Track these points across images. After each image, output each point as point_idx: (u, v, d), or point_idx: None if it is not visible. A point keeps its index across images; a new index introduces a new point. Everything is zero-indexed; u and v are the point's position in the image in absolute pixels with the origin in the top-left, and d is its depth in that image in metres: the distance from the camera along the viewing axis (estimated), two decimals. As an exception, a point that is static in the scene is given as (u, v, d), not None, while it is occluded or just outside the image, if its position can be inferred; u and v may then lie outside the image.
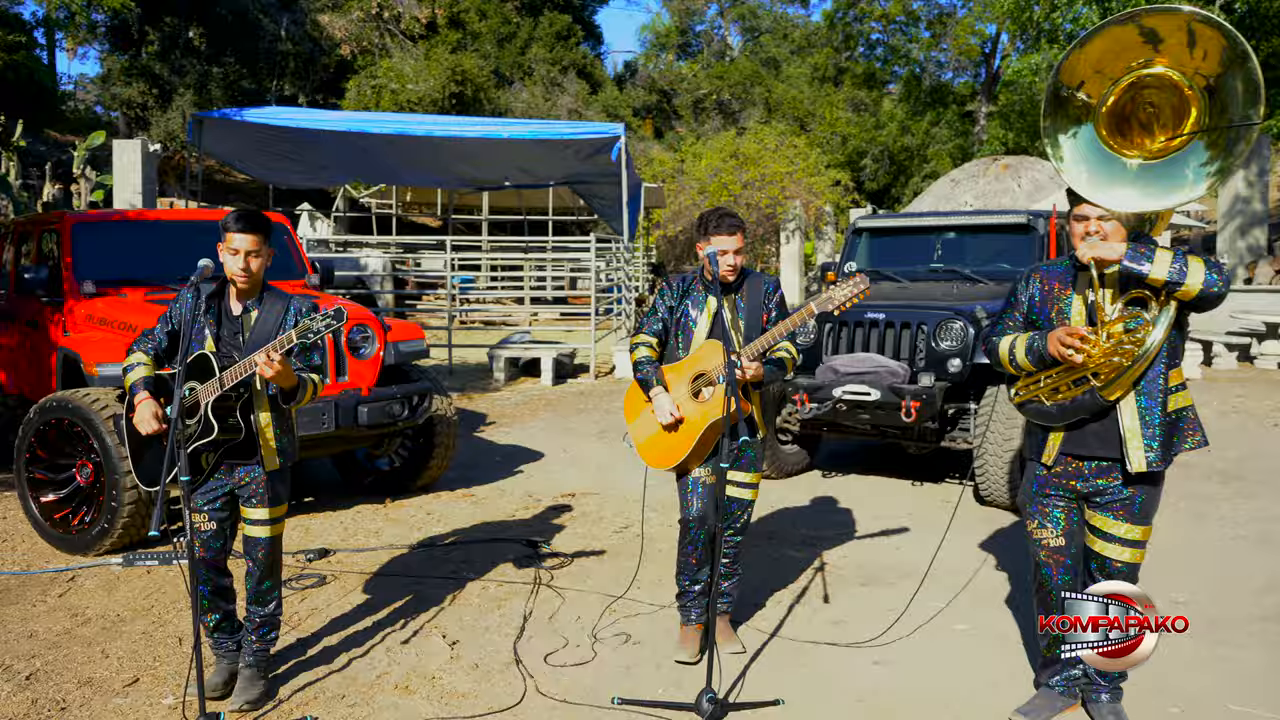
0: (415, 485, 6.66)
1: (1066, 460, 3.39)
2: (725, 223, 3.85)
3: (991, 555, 5.38)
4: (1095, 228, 3.22)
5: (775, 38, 42.23)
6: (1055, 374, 3.32)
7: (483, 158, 15.98)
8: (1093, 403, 3.26)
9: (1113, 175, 3.24)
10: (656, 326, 4.02)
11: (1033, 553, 3.53)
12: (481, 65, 26.83)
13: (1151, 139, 3.22)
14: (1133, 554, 3.36)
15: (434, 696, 3.68)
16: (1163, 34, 3.10)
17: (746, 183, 26.86)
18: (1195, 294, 3.09)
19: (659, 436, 3.91)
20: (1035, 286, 3.49)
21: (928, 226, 7.81)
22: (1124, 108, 3.25)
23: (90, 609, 4.62)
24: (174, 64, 24.34)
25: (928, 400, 6.14)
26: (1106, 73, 3.21)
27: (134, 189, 16.18)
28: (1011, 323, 3.54)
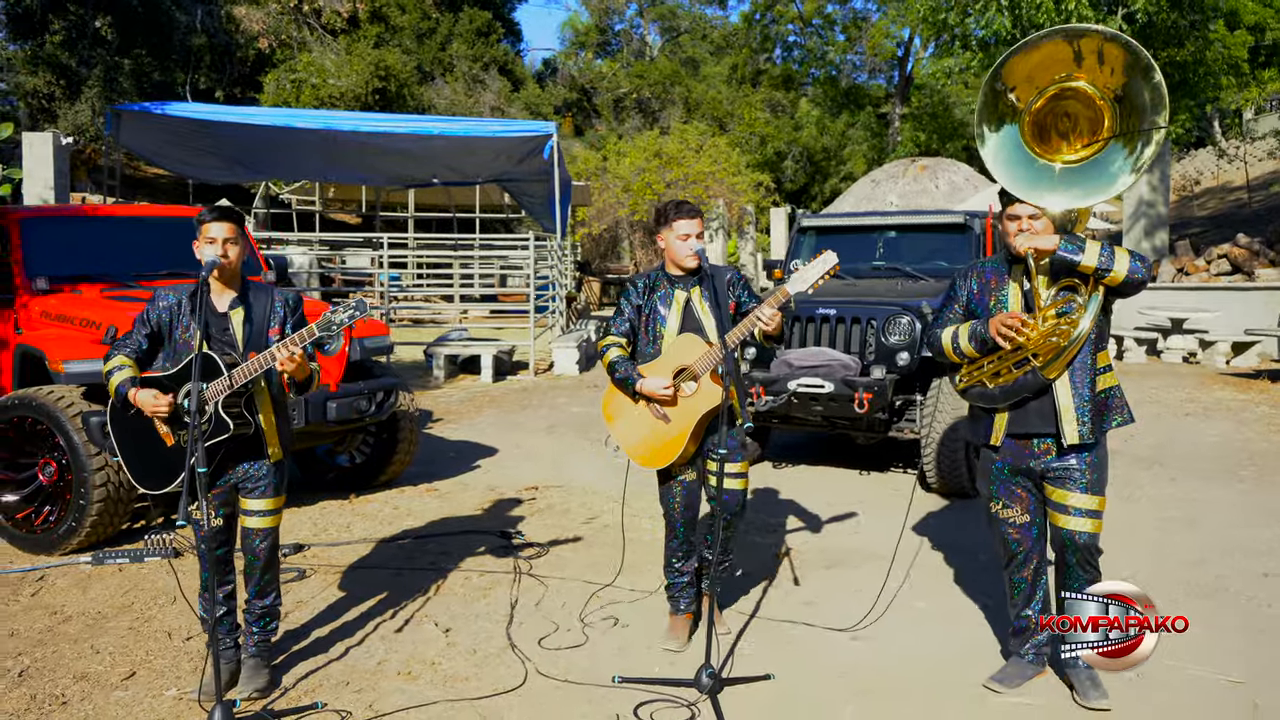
0: (379, 480, 6.70)
1: (1014, 441, 3.66)
2: (684, 209, 3.97)
3: (939, 538, 5.67)
4: (1027, 225, 3.53)
5: (694, 38, 42.66)
6: (997, 358, 3.60)
7: (411, 155, 15.86)
8: (1034, 381, 3.55)
9: (1039, 178, 3.60)
10: (624, 327, 4.09)
11: (1000, 533, 3.78)
12: (405, 61, 26.56)
13: (1069, 147, 3.59)
14: (1093, 524, 3.62)
15: (437, 681, 3.78)
16: (1084, 52, 3.48)
17: (670, 182, 27.17)
18: (1121, 279, 3.42)
19: (649, 436, 3.97)
20: (973, 281, 3.78)
21: (869, 225, 8.13)
22: (1045, 117, 3.62)
23: (69, 607, 4.59)
24: (81, 54, 23.52)
25: (879, 392, 6.43)
26: (1035, 81, 3.57)
27: (45, 183, 15.63)
28: (952, 316, 3.81)
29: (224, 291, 3.66)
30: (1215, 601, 4.66)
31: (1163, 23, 20.94)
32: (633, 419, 4.01)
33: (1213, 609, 4.55)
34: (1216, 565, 5.17)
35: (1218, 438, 8.59)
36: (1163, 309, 14.76)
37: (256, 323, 3.63)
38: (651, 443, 3.98)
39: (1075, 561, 3.61)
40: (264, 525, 3.67)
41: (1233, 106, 27.97)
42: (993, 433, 3.69)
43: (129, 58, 24.49)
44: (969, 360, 3.68)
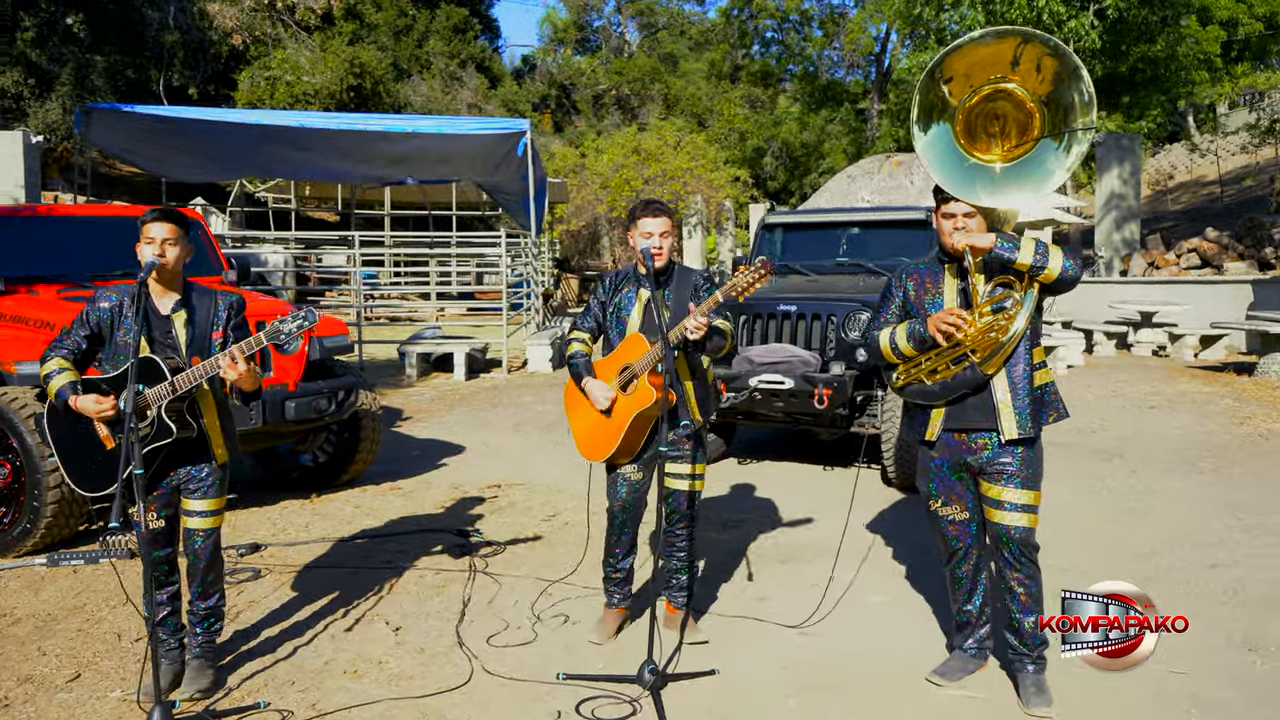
0: (342, 479, 6.70)
1: (951, 436, 3.68)
2: (651, 207, 4.00)
3: (899, 532, 5.72)
4: (962, 223, 3.57)
5: (673, 34, 42.71)
6: (934, 355, 3.63)
7: (385, 154, 15.82)
8: (973, 377, 3.59)
9: (973, 177, 3.66)
10: (590, 323, 4.17)
11: (940, 530, 3.81)
12: (380, 58, 26.47)
13: (999, 147, 3.66)
14: (1028, 519, 3.64)
15: (382, 679, 3.79)
16: (1023, 58, 3.55)
17: (648, 178, 27.19)
18: (1055, 277, 3.48)
19: (592, 428, 4.05)
20: (908, 282, 3.79)
21: (833, 222, 8.18)
22: (976, 116, 3.70)
23: (19, 609, 4.58)
24: (52, 52, 23.33)
25: (839, 388, 6.46)
26: (972, 79, 3.63)
27: (15, 182, 15.53)
28: (888, 316, 3.83)
29: (166, 294, 3.64)
30: (1160, 591, 4.71)
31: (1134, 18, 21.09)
32: (584, 411, 4.10)
33: (1157, 600, 4.59)
34: (1166, 556, 5.23)
35: (1180, 430, 8.67)
36: (1133, 302, 14.88)
37: (199, 326, 3.62)
38: (593, 436, 4.07)
39: (1012, 556, 3.63)
40: (205, 526, 3.67)
41: (1206, 101, 28.24)
42: (928, 428, 3.72)
43: (101, 55, 24.30)
44: (907, 359, 3.70)
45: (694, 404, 4.05)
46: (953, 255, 3.63)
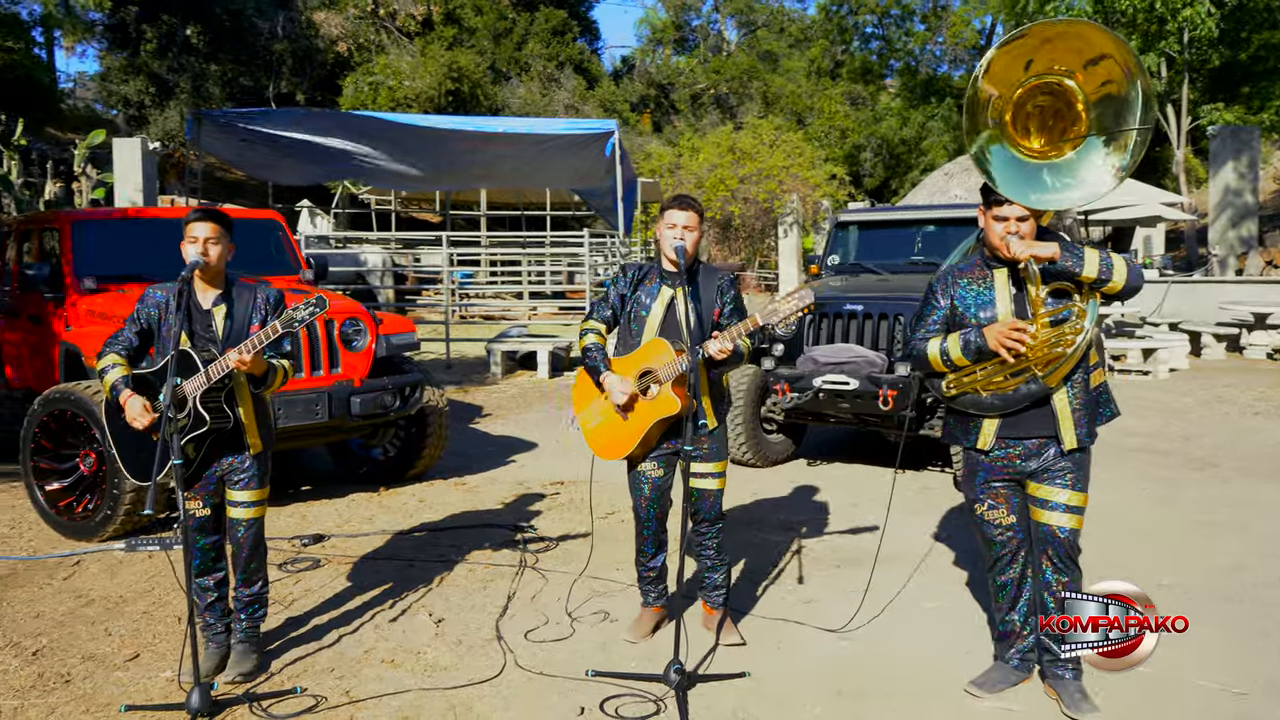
0: (409, 474, 6.86)
1: (1003, 444, 3.56)
2: (681, 200, 3.91)
3: (963, 538, 5.56)
4: (1015, 227, 3.42)
5: (772, 31, 42.38)
6: (991, 367, 3.48)
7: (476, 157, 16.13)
8: (1037, 391, 3.46)
9: (1027, 178, 3.50)
10: (606, 313, 4.05)
11: (985, 535, 3.69)
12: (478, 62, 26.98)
13: (1041, 139, 3.51)
14: (1074, 520, 3.55)
15: (418, 670, 3.87)
16: (1082, 51, 3.39)
17: (743, 177, 27.06)
18: (1120, 288, 3.37)
19: (607, 426, 3.98)
20: (954, 289, 3.63)
21: (908, 220, 8.00)
22: (1024, 110, 3.52)
23: (94, 591, 4.82)
24: (171, 62, 24.51)
25: (904, 389, 6.32)
26: (1025, 70, 3.47)
27: (135, 186, 16.36)
28: (933, 324, 3.65)
29: (208, 289, 3.78)
30: (1236, 608, 4.48)
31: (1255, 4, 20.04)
32: (597, 406, 4.03)
33: (1231, 615, 4.38)
34: (1256, 571, 4.96)
35: (1284, 438, 8.22)
36: (1247, 303, 14.16)
37: (238, 319, 3.76)
38: (608, 434, 3.99)
39: (1056, 558, 3.55)
40: (247, 516, 3.80)
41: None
42: (981, 437, 3.59)
43: (216, 64, 25.40)
44: (958, 369, 3.56)
45: (710, 411, 3.98)
46: (1002, 259, 3.50)
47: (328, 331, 6.10)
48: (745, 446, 7.22)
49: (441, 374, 12.67)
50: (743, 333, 3.74)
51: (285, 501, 6.36)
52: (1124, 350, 12.41)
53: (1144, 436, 8.42)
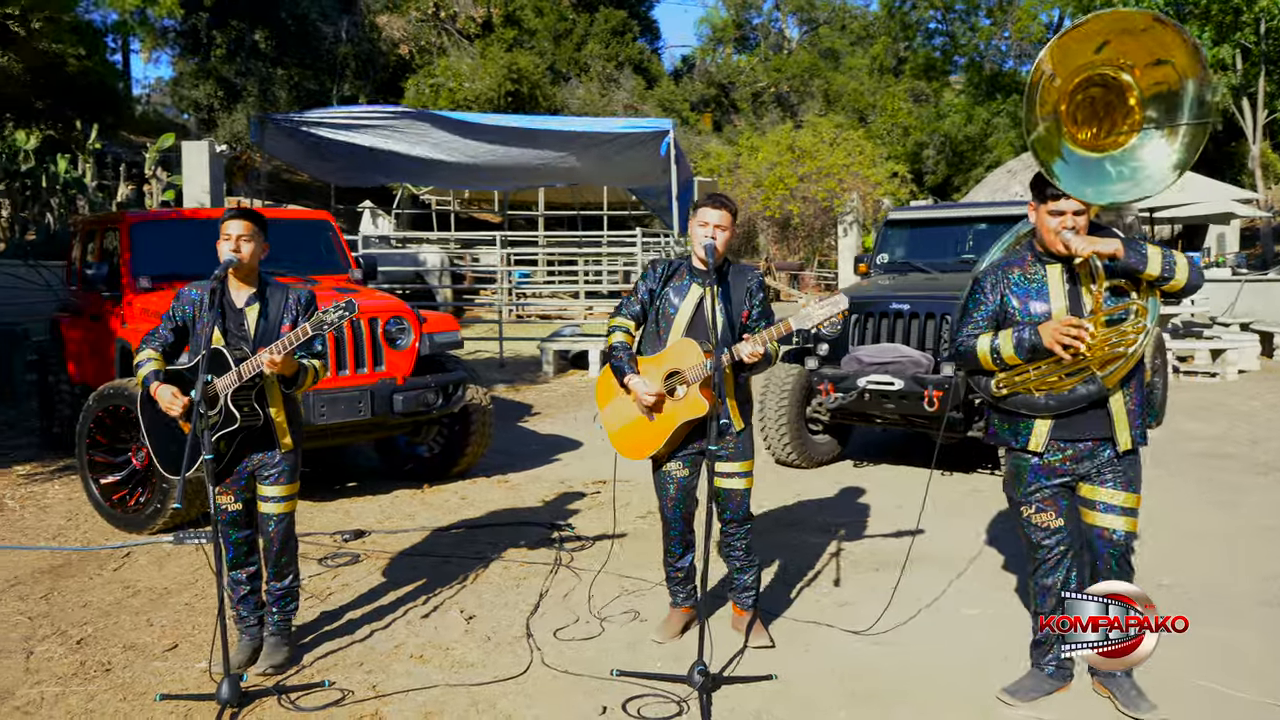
0: (452, 471, 6.92)
1: (1056, 445, 3.47)
2: (714, 200, 3.86)
3: (1012, 542, 5.43)
4: (1071, 222, 3.32)
5: (833, 28, 41.96)
6: (1045, 365, 3.38)
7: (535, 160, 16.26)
8: (1095, 392, 3.37)
9: (1082, 172, 3.39)
10: (635, 309, 3.99)
11: (1031, 538, 3.59)
12: (537, 63, 27.17)
13: (1089, 131, 3.41)
14: (1129, 523, 3.48)
15: (445, 666, 3.90)
16: (1143, 43, 3.28)
17: (803, 176, 26.84)
18: (1182, 286, 3.29)
19: (632, 427, 3.95)
20: (1003, 285, 3.52)
21: (957, 218, 7.86)
22: (1079, 101, 3.42)
23: (141, 582, 4.94)
24: (239, 66, 25.11)
25: (950, 390, 6.21)
26: (1084, 62, 3.35)
27: (202, 188, 16.77)
28: (981, 320, 3.55)
29: (242, 288, 3.85)
30: None
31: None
32: (621, 405, 4.00)
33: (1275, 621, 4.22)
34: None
35: (1357, 444, 7.90)
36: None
37: (270, 319, 3.82)
38: (632, 434, 3.96)
39: (1112, 559, 3.48)
40: (278, 511, 3.86)
41: None
42: (1032, 438, 3.49)
43: (282, 68, 25.94)
44: (1009, 368, 3.46)
45: (736, 414, 3.93)
46: (1055, 254, 3.41)
47: (372, 330, 6.18)
48: (789, 447, 7.15)
49: (494, 373, 12.79)
50: (774, 337, 3.70)
51: (330, 497, 6.47)
52: (1191, 351, 12.04)
53: (1208, 440, 8.16)
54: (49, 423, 8.08)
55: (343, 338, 6.03)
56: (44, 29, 8.37)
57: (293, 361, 3.68)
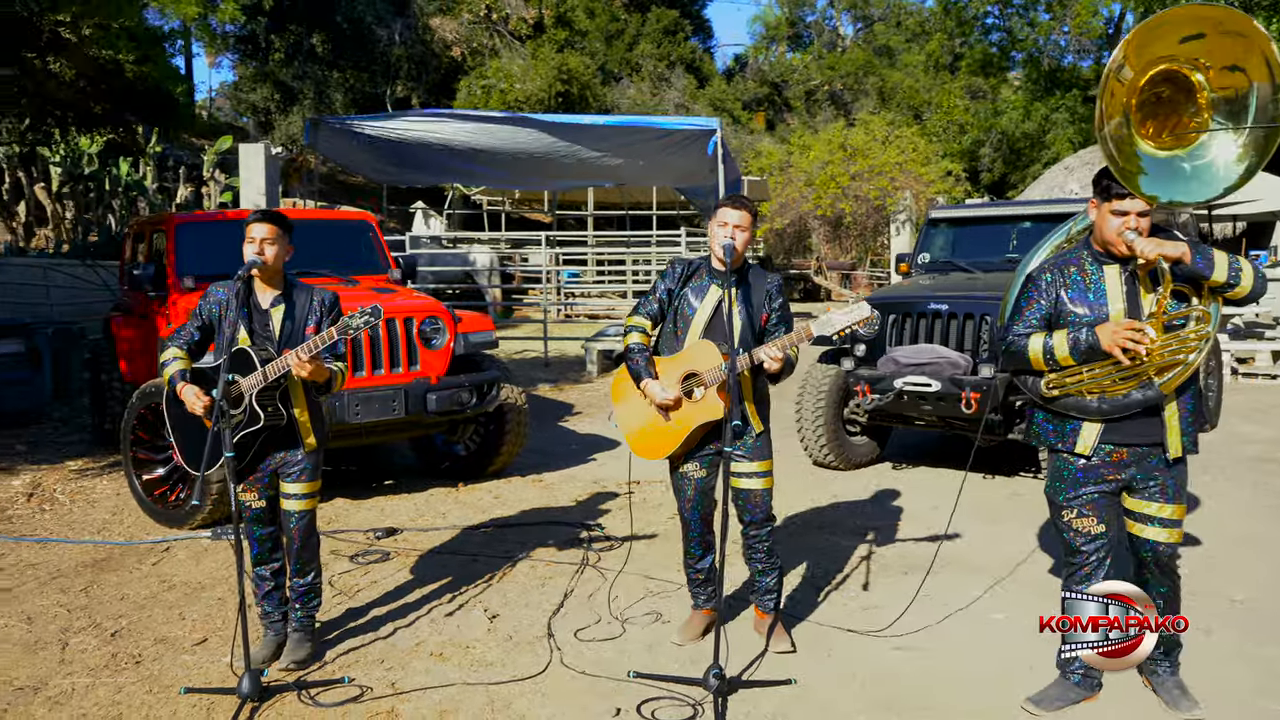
0: (488, 470, 6.96)
1: (1104, 450, 3.38)
2: (734, 200, 3.83)
3: (1055, 550, 5.31)
4: (1135, 222, 3.24)
5: (888, 25, 41.50)
6: (1100, 369, 3.31)
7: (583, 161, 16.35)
8: (1154, 398, 3.28)
9: (1151, 170, 3.29)
10: (652, 309, 3.96)
11: (1072, 543, 3.49)
12: (588, 63, 27.24)
13: (1157, 131, 3.29)
14: (1174, 534, 3.42)
15: (465, 664, 3.92)
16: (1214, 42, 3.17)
17: (855, 174, 26.57)
18: (1245, 294, 3.22)
19: (648, 428, 3.93)
20: (1059, 285, 3.43)
21: (1001, 216, 7.72)
22: (1147, 99, 3.32)
23: (177, 576, 5.04)
24: (296, 70, 25.54)
25: (988, 392, 6.09)
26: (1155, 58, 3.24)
27: (258, 190, 17.11)
28: (1033, 319, 3.46)
29: (267, 289, 3.91)
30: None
31: None
32: (636, 406, 3.98)
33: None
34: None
35: None
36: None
37: (295, 320, 3.87)
38: (648, 435, 3.94)
39: (1157, 569, 3.45)
40: (300, 508, 3.91)
41: None
42: (1080, 440, 3.40)
43: (338, 70, 26.35)
44: (1059, 367, 3.37)
45: (755, 417, 3.89)
46: (1114, 255, 3.33)
47: (407, 330, 6.23)
48: (826, 448, 7.08)
49: (538, 372, 12.85)
50: (794, 342, 3.67)
51: (367, 495, 6.55)
52: (1251, 352, 11.69)
53: (1263, 443, 7.92)
54: (101, 419, 8.28)
55: (378, 338, 6.10)
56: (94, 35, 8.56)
57: (323, 368, 3.72)
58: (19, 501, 6.53)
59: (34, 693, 3.73)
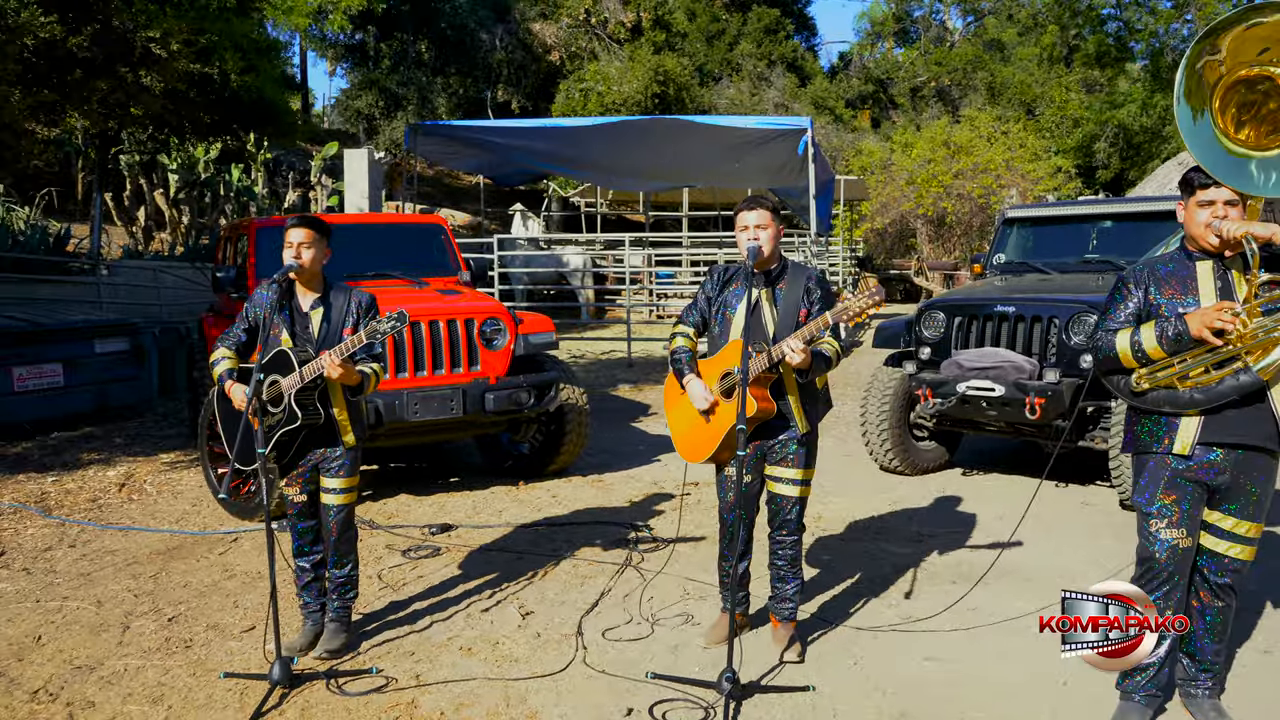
0: (548, 470, 7.06)
1: (1205, 449, 3.22)
2: (750, 202, 3.85)
3: (1114, 563, 5.10)
4: (1223, 212, 3.15)
5: (999, 19, 40.33)
6: (1191, 358, 3.17)
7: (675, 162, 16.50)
8: (1247, 383, 3.12)
9: (1236, 163, 3.21)
10: (694, 317, 4.05)
11: (1153, 551, 3.29)
12: (684, 64, 27.26)
13: (1253, 131, 3.22)
14: (1249, 551, 3.31)
15: (490, 659, 4.00)
16: None
17: (958, 172, 25.91)
18: None
19: (691, 430, 3.97)
20: (1147, 281, 3.33)
21: (1080, 215, 7.44)
22: (1237, 98, 3.26)
23: (239, 566, 5.28)
24: (402, 76, 26.28)
25: (1053, 397, 5.89)
26: (1242, 56, 3.17)
27: (361, 194, 17.73)
28: (1121, 318, 3.35)
29: (307, 292, 4.07)
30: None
31: None
32: (683, 409, 4.03)
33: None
34: None
35: None
36: None
37: (333, 322, 4.01)
38: (691, 437, 3.98)
39: (1220, 584, 3.34)
40: (338, 502, 4.05)
41: None
42: (1178, 438, 3.23)
43: (441, 76, 27.02)
44: (1151, 363, 3.25)
45: (800, 414, 3.87)
46: (1205, 250, 3.21)
47: (468, 331, 6.37)
48: (891, 452, 6.96)
49: (622, 372, 12.94)
50: (813, 333, 3.63)
51: (429, 491, 6.72)
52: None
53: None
54: (195, 414, 8.69)
55: (439, 338, 6.25)
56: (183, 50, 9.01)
57: (353, 371, 3.85)
58: (111, 491, 6.92)
59: (89, 672, 3.96)
